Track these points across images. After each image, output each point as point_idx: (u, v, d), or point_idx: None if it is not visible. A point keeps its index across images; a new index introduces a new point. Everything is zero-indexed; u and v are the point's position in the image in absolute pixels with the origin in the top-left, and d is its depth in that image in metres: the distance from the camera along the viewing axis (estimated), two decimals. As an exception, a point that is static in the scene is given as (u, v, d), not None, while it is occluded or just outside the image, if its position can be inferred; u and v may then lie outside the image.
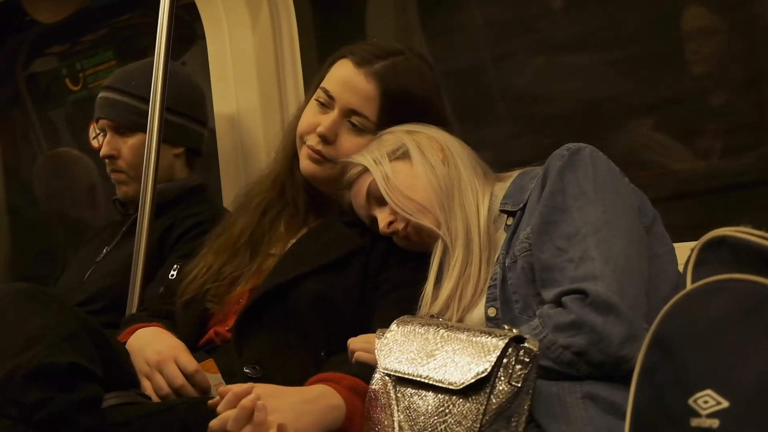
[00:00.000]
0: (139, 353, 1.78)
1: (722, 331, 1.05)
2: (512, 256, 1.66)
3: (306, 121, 2.00)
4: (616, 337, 1.40)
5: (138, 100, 2.55)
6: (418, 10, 2.94)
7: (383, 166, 1.84)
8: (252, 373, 1.73)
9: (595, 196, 1.58)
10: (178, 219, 2.48)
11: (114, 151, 2.58)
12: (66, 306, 1.59)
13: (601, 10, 2.49)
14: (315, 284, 1.83)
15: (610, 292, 1.43)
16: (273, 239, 2.03)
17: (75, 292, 2.49)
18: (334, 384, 1.55)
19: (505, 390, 1.32)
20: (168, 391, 1.70)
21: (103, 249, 2.62)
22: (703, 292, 1.10)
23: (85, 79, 3.86)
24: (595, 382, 1.41)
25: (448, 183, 1.82)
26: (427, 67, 2.03)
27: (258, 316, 1.82)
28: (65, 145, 4.06)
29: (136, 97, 2.56)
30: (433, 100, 2.01)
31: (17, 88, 4.19)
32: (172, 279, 2.18)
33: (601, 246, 1.50)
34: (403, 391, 1.42)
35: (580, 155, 1.64)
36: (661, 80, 2.38)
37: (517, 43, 2.67)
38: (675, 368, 1.07)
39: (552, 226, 1.58)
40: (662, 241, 1.65)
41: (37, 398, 1.39)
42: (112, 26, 3.85)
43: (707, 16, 2.38)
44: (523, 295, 1.62)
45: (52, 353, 1.43)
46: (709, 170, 2.37)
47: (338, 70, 1.99)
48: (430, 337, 1.44)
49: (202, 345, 1.91)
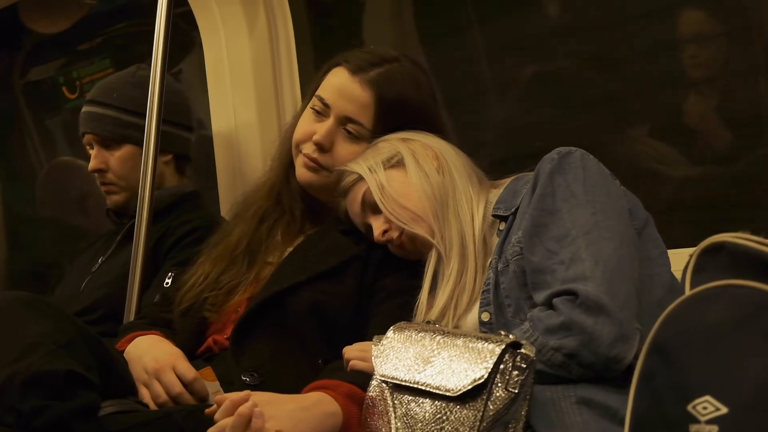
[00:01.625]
0: (137, 361, 1.78)
1: (721, 337, 1.05)
2: (504, 261, 1.66)
3: (302, 130, 2.00)
4: (606, 338, 1.39)
5: (121, 112, 2.55)
6: (413, 16, 2.95)
7: (378, 175, 1.84)
8: (250, 381, 1.73)
9: (585, 198, 1.58)
10: (171, 226, 2.48)
11: (102, 165, 2.58)
12: (63, 314, 1.59)
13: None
14: (311, 292, 1.83)
15: (600, 292, 1.42)
16: (270, 248, 2.03)
17: (71, 302, 2.49)
18: (331, 391, 1.55)
19: (502, 396, 1.32)
20: (165, 398, 1.70)
21: (98, 259, 2.62)
22: (702, 298, 1.10)
23: (82, 87, 3.86)
24: (588, 385, 1.41)
25: (442, 191, 1.82)
26: (423, 74, 2.03)
27: (255, 325, 1.82)
28: (62, 153, 4.06)
29: (119, 108, 2.56)
30: (428, 107, 2.01)
31: (14, 96, 4.20)
32: (167, 287, 2.18)
33: (592, 247, 1.50)
34: (400, 398, 1.42)
35: (570, 158, 1.64)
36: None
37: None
38: (674, 374, 1.07)
39: (542, 228, 1.58)
40: (654, 244, 1.65)
41: (35, 405, 1.39)
42: (109, 34, 3.85)
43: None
44: (515, 298, 1.62)
45: (49, 361, 1.43)
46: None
47: (333, 78, 1.99)
48: (426, 343, 1.44)
49: (200, 353, 1.91)
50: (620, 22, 2.44)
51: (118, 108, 2.56)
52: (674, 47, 2.37)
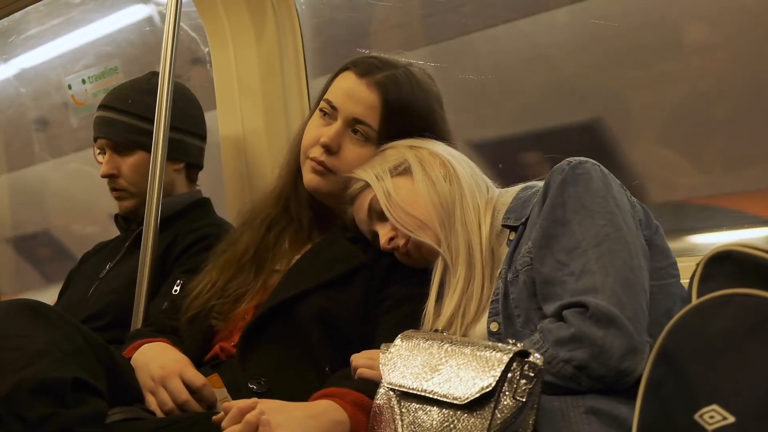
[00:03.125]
0: (143, 368, 1.78)
1: (728, 345, 1.05)
2: (514, 271, 1.66)
3: (310, 134, 2.00)
4: (617, 350, 1.39)
5: (135, 118, 2.56)
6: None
7: (385, 182, 1.84)
8: (257, 388, 1.73)
9: (596, 209, 1.57)
10: (180, 234, 2.48)
11: (114, 170, 2.59)
12: (70, 321, 1.59)
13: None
14: (319, 300, 1.83)
15: (611, 305, 1.42)
16: (277, 255, 2.04)
17: (79, 308, 2.49)
18: (339, 399, 1.55)
19: (510, 405, 1.31)
20: (172, 406, 1.69)
21: (106, 265, 2.62)
22: (709, 306, 1.10)
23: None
24: (597, 396, 1.41)
25: (449, 200, 1.82)
26: (430, 81, 2.04)
27: (263, 332, 1.82)
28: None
29: (134, 115, 2.57)
30: (435, 113, 2.01)
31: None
32: (175, 294, 2.18)
33: (602, 259, 1.50)
34: (407, 406, 1.42)
35: (581, 169, 1.63)
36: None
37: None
38: (681, 383, 1.07)
39: (553, 239, 1.58)
40: (665, 255, 1.64)
41: (41, 413, 1.39)
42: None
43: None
44: (524, 309, 1.62)
45: (56, 368, 1.43)
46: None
47: (341, 82, 2.00)
48: (434, 351, 1.43)
49: (207, 360, 1.91)
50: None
51: (132, 114, 2.57)
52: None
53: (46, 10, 3.97)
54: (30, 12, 3.91)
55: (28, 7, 3.62)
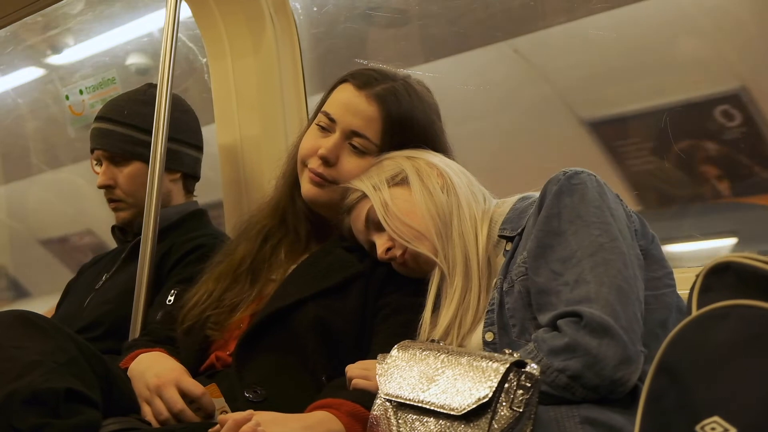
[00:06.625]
0: (139, 378, 1.77)
1: (728, 357, 1.04)
2: (509, 281, 1.66)
3: (307, 145, 2.00)
4: (611, 360, 1.39)
5: (131, 129, 2.56)
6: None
7: (382, 192, 1.84)
8: (253, 397, 1.73)
9: (591, 219, 1.57)
10: (176, 244, 2.48)
11: (111, 181, 2.59)
12: (64, 332, 1.59)
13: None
14: (315, 308, 1.83)
15: (605, 314, 1.42)
16: (273, 266, 2.03)
17: (74, 319, 2.49)
18: (335, 410, 1.55)
19: (506, 415, 1.31)
20: (167, 416, 1.69)
21: (102, 276, 2.62)
22: (709, 318, 1.09)
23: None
24: (592, 406, 1.40)
25: (446, 210, 1.81)
26: (428, 93, 2.04)
27: (259, 341, 1.82)
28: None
29: (130, 125, 2.57)
30: (434, 124, 2.01)
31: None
32: (170, 304, 2.18)
33: (596, 269, 1.50)
34: (404, 416, 1.41)
35: (577, 179, 1.63)
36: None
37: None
38: (681, 395, 1.06)
39: (548, 249, 1.58)
40: (660, 264, 1.64)
41: (34, 424, 1.39)
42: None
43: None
44: (520, 319, 1.61)
45: (48, 379, 1.43)
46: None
47: (339, 94, 1.99)
48: (431, 362, 1.43)
49: (203, 370, 1.90)
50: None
51: (128, 125, 2.57)
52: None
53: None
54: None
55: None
